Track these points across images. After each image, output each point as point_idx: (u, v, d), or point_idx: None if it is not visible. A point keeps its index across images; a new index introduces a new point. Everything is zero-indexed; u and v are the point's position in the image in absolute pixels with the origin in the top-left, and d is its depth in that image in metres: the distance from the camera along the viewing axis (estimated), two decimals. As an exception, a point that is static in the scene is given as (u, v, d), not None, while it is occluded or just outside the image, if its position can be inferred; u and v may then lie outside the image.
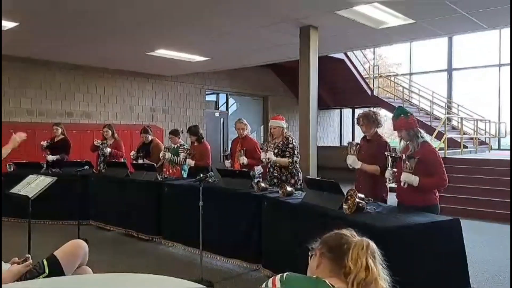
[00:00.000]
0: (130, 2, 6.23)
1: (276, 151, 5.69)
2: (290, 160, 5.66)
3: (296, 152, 5.73)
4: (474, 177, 9.90)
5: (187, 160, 7.06)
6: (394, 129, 4.25)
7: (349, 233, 1.91)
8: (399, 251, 3.35)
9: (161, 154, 7.48)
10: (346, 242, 1.84)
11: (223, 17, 6.98)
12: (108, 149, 8.03)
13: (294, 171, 5.76)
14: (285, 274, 1.86)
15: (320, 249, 1.90)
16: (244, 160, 6.27)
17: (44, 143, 8.31)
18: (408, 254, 3.36)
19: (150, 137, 7.97)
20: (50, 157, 8.19)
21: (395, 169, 4.11)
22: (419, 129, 4.18)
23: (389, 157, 4.16)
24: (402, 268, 3.26)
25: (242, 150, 6.36)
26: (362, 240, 1.85)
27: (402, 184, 4.00)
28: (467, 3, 6.35)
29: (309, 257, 1.96)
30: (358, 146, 4.75)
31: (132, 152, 7.99)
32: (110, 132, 8.21)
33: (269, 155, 5.61)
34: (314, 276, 1.85)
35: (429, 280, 3.39)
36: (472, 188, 9.55)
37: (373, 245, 1.85)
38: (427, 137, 4.33)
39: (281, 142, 5.74)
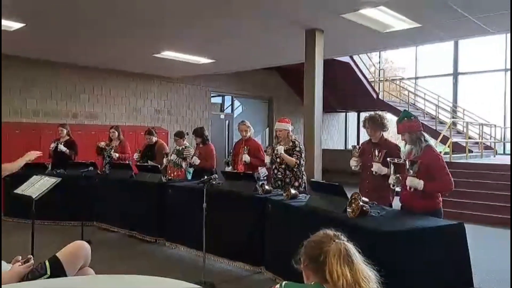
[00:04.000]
0: (137, 4, 6.24)
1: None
2: (298, 162, 5.67)
3: (303, 156, 5.75)
4: (479, 182, 9.85)
5: (193, 157, 7.07)
6: (398, 133, 4.26)
7: (327, 237, 1.93)
8: (402, 255, 3.34)
9: (164, 161, 7.47)
10: (322, 251, 1.86)
11: (229, 19, 6.98)
12: (116, 154, 8.06)
13: (299, 173, 5.77)
14: (283, 283, 1.90)
15: (304, 261, 1.95)
16: (246, 158, 6.29)
17: (53, 147, 8.32)
18: (411, 258, 3.35)
19: (154, 139, 7.99)
20: (61, 146, 8.18)
21: (398, 175, 4.11)
22: (423, 133, 4.18)
23: (391, 163, 4.15)
24: (406, 271, 3.25)
25: (245, 148, 6.37)
26: (336, 245, 1.87)
27: (408, 188, 3.99)
28: (474, 7, 6.32)
29: (298, 264, 1.99)
30: (360, 148, 4.78)
31: (136, 155, 8.02)
32: (116, 133, 8.25)
33: (280, 149, 5.62)
34: (312, 283, 1.87)
35: (432, 284, 3.38)
36: (477, 192, 9.51)
37: (347, 247, 1.87)
38: (431, 141, 4.32)
39: (287, 146, 5.74)
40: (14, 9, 6.28)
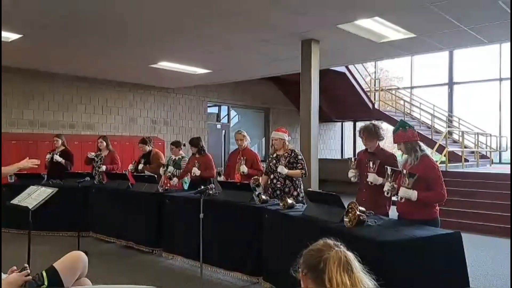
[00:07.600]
0: (133, 16, 6.28)
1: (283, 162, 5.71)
2: (304, 171, 5.68)
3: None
4: (475, 191, 9.88)
5: (193, 168, 6.94)
6: (394, 142, 4.27)
7: (327, 246, 1.93)
8: (399, 264, 3.34)
9: (161, 172, 7.44)
10: (322, 259, 1.87)
11: (225, 30, 7.02)
12: (103, 167, 8.06)
13: (297, 183, 5.77)
14: None
15: (303, 270, 1.94)
16: (244, 169, 6.28)
17: (48, 158, 8.31)
18: (409, 268, 3.35)
19: (147, 148, 7.98)
20: (57, 157, 8.20)
21: (393, 183, 4.12)
22: (418, 142, 4.18)
23: (388, 169, 4.17)
24: (402, 281, 3.25)
25: (242, 159, 6.37)
26: (335, 253, 1.87)
27: (399, 199, 4.02)
28: (468, 18, 6.39)
29: (297, 274, 1.99)
30: (355, 160, 4.81)
31: (131, 166, 8.00)
32: (104, 143, 8.25)
33: (281, 169, 5.61)
34: None
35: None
36: (473, 202, 9.52)
37: (347, 255, 1.88)
38: (427, 151, 4.33)
39: (286, 154, 5.73)
40: (12, 20, 6.31)
